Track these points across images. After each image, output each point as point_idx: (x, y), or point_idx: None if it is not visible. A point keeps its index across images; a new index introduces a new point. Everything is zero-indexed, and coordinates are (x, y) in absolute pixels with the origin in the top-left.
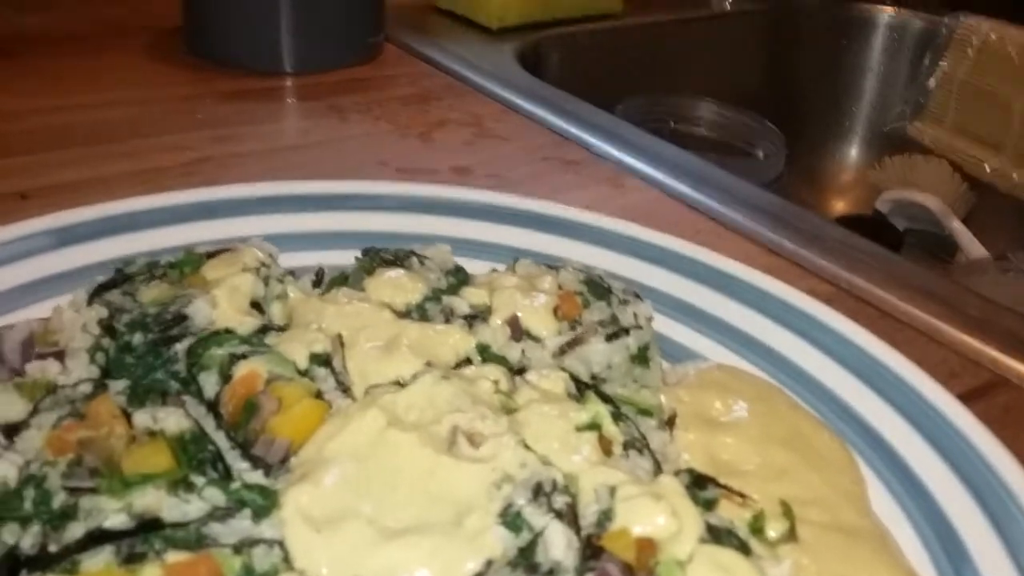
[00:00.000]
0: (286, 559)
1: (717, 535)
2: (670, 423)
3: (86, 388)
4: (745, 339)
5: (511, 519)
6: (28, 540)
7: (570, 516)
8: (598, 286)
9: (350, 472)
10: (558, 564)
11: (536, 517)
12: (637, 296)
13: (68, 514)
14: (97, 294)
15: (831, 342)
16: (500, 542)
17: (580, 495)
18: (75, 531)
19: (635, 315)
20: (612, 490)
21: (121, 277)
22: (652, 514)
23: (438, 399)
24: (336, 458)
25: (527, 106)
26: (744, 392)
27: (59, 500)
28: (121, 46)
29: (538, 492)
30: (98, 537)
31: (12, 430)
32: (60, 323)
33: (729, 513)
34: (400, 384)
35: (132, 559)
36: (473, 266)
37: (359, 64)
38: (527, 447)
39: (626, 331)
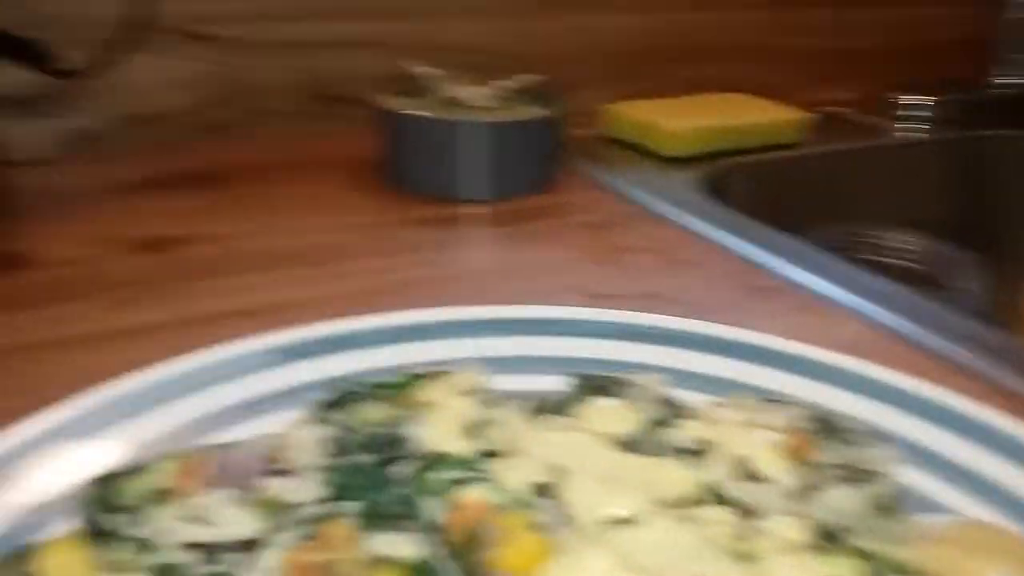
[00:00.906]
0: None
1: None
2: None
3: (317, 508)
4: (1002, 494)
5: None
6: None
7: None
8: (830, 425)
9: None
10: None
11: None
12: (874, 438)
13: None
14: (323, 412)
15: None
16: None
17: None
18: None
19: (875, 458)
20: None
21: (343, 399)
22: None
23: (673, 544)
24: None
25: (713, 232)
26: (1006, 552)
27: None
28: (324, 177)
29: None
30: None
31: (248, 546)
32: (290, 444)
33: None
34: (625, 521)
35: None
36: (683, 397)
37: (541, 193)
38: None
39: (867, 476)
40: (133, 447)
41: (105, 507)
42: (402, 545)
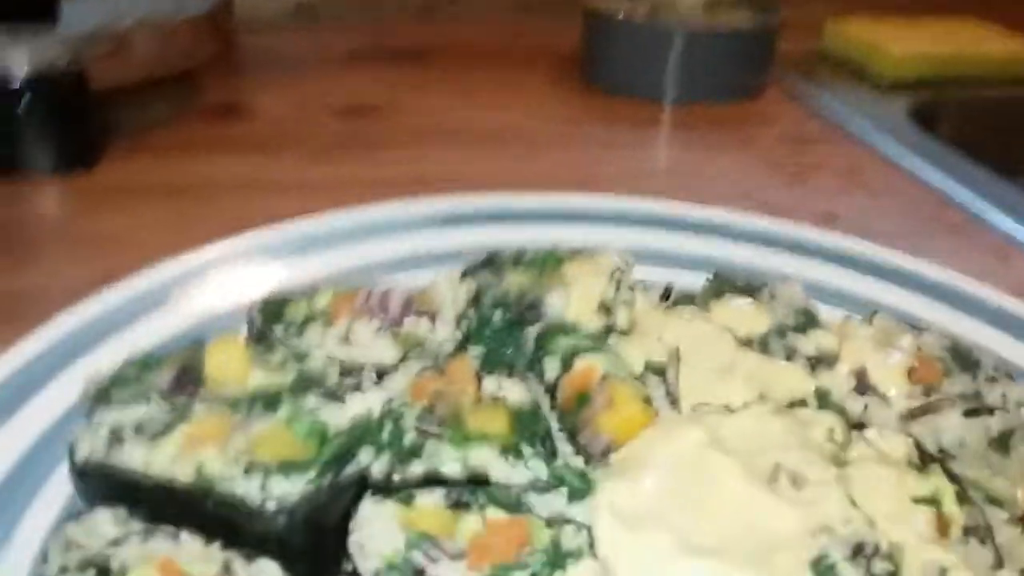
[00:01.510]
0: (591, 545)
1: None
2: None
3: (448, 348)
4: None
5: (824, 570)
6: (378, 467)
7: None
8: (965, 357)
9: (665, 481)
10: None
11: (851, 574)
12: (1010, 377)
13: (414, 452)
14: (470, 272)
15: None
16: None
17: (904, 569)
18: (416, 468)
19: (1004, 396)
20: (943, 572)
21: (491, 261)
22: None
23: (766, 432)
24: (655, 464)
25: (912, 161)
26: None
27: (409, 439)
28: (523, 66)
29: (858, 552)
30: (434, 479)
31: (382, 371)
32: (436, 291)
33: None
34: (729, 409)
35: (458, 506)
36: (824, 313)
37: (741, 101)
38: (853, 503)
39: (990, 411)
40: (302, 278)
41: (270, 320)
42: (514, 391)
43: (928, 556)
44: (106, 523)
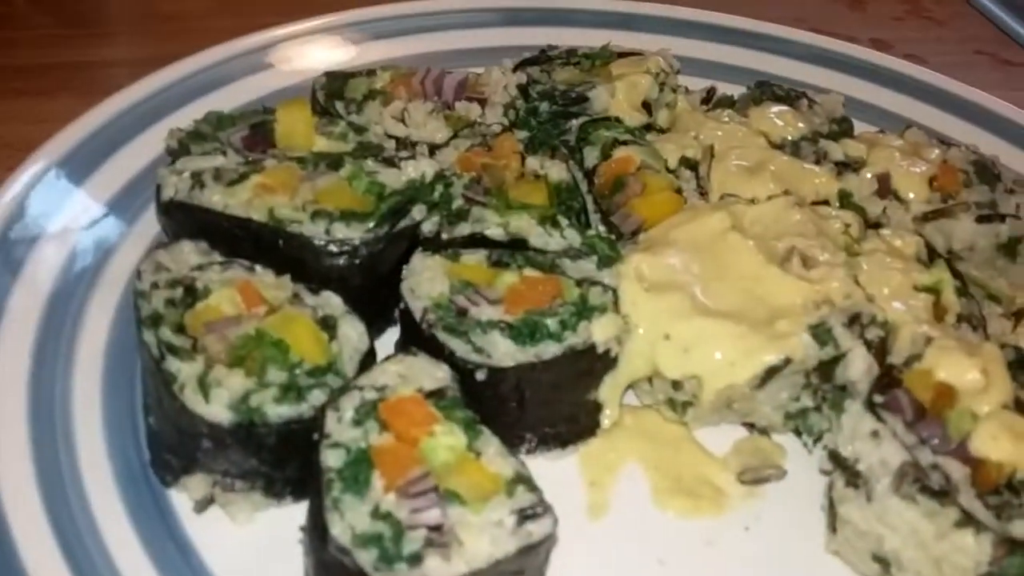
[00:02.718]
0: (615, 304)
1: (1021, 408)
2: (1018, 315)
3: (496, 129)
4: None
5: (821, 332)
6: (428, 226)
7: (879, 348)
8: (987, 170)
9: (687, 255)
10: (852, 384)
11: (845, 339)
12: None
13: (461, 216)
14: (522, 65)
15: None
16: (803, 347)
17: (896, 339)
18: (463, 230)
19: (1018, 206)
20: (928, 340)
21: (544, 57)
22: (961, 366)
23: (785, 221)
24: (679, 241)
25: None
26: None
27: (457, 204)
28: None
29: (854, 320)
30: (479, 240)
31: (434, 148)
32: (489, 79)
33: None
34: (754, 201)
35: (498, 264)
36: (862, 128)
37: None
38: (857, 283)
39: (1002, 218)
40: (364, 62)
41: (332, 96)
42: (555, 169)
43: (919, 329)
44: (191, 252)
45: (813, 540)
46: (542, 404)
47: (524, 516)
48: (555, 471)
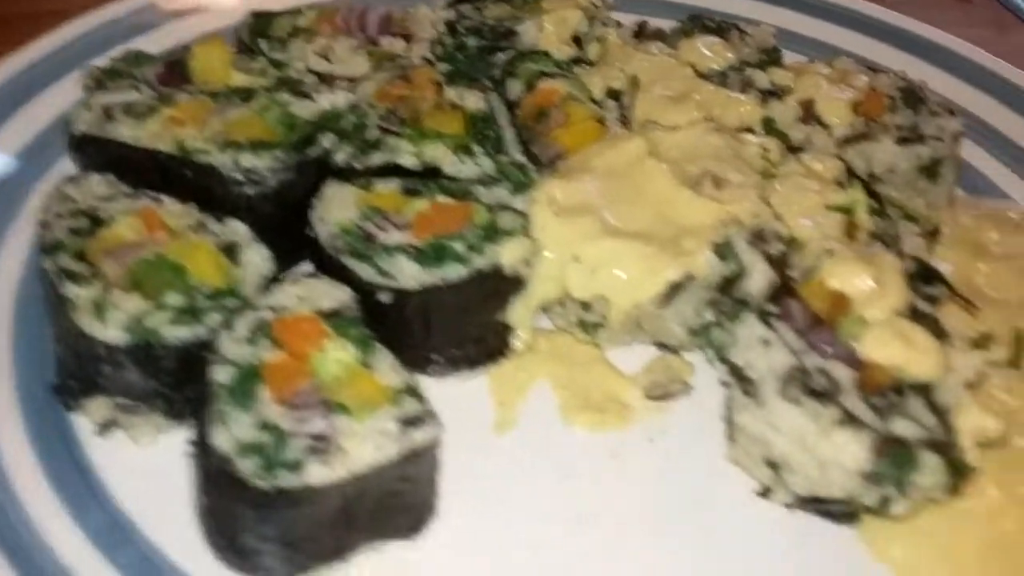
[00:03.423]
0: (526, 228)
1: (917, 316)
2: (932, 234)
3: (417, 62)
4: None
5: (724, 249)
6: (341, 156)
7: (780, 262)
8: (913, 95)
9: (601, 180)
10: (752, 297)
11: (747, 254)
12: (952, 113)
13: (375, 146)
14: (456, 3)
15: None
16: (706, 264)
17: (797, 253)
18: (376, 159)
19: (940, 128)
20: (829, 252)
21: None
22: (853, 274)
23: (702, 146)
24: (595, 167)
25: None
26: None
27: (372, 134)
28: None
29: (759, 236)
30: (392, 169)
31: (355, 81)
32: (416, 15)
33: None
34: (673, 128)
35: (411, 192)
36: (788, 55)
37: None
38: (768, 204)
39: (921, 139)
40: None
41: (256, 34)
42: (471, 99)
43: (824, 244)
44: (98, 185)
45: (715, 450)
46: (449, 326)
47: (408, 423)
48: (464, 391)
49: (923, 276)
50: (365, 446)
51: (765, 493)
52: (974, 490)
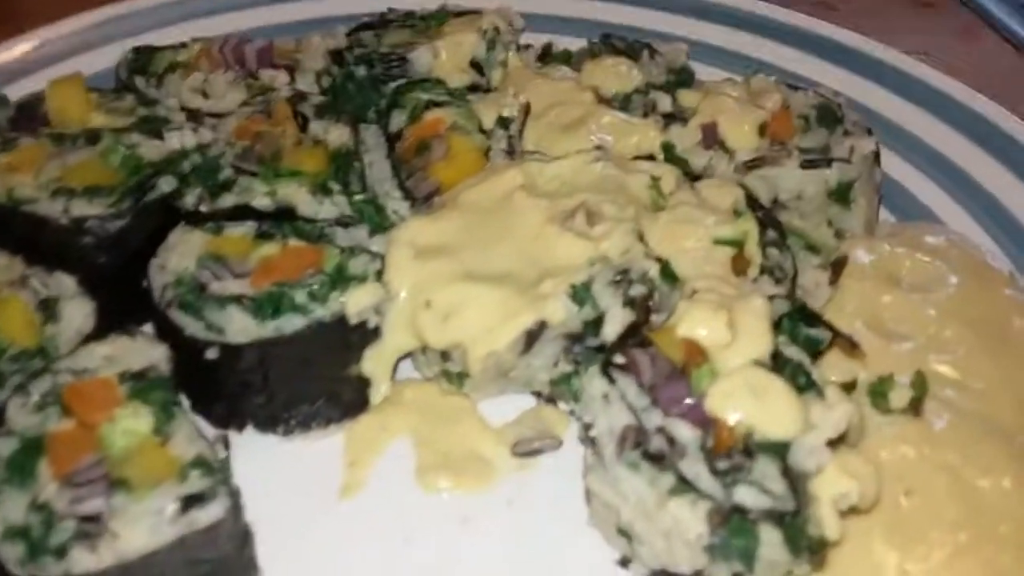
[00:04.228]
0: (379, 272)
1: (781, 366)
2: (837, 266)
3: (284, 95)
4: (995, 208)
5: (578, 292)
6: (190, 199)
7: (641, 306)
8: (829, 113)
9: (468, 218)
10: (605, 344)
11: (605, 298)
12: (869, 132)
13: (226, 187)
14: (356, 31)
15: None
16: (562, 310)
17: (671, 297)
18: (228, 200)
19: (851, 149)
20: (693, 292)
21: (381, 21)
22: (702, 320)
23: (583, 177)
24: (464, 204)
25: None
26: (959, 266)
27: (225, 174)
28: None
29: (622, 278)
30: (243, 211)
31: (220, 117)
32: (309, 44)
33: (853, 367)
34: (554, 157)
35: (263, 236)
36: (706, 72)
37: None
38: (641, 239)
39: (828, 162)
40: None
41: (136, 71)
42: (335, 133)
43: (694, 285)
44: None
45: (577, 514)
46: (292, 381)
47: (191, 501)
48: (315, 451)
49: (807, 319)
50: (139, 529)
51: (624, 563)
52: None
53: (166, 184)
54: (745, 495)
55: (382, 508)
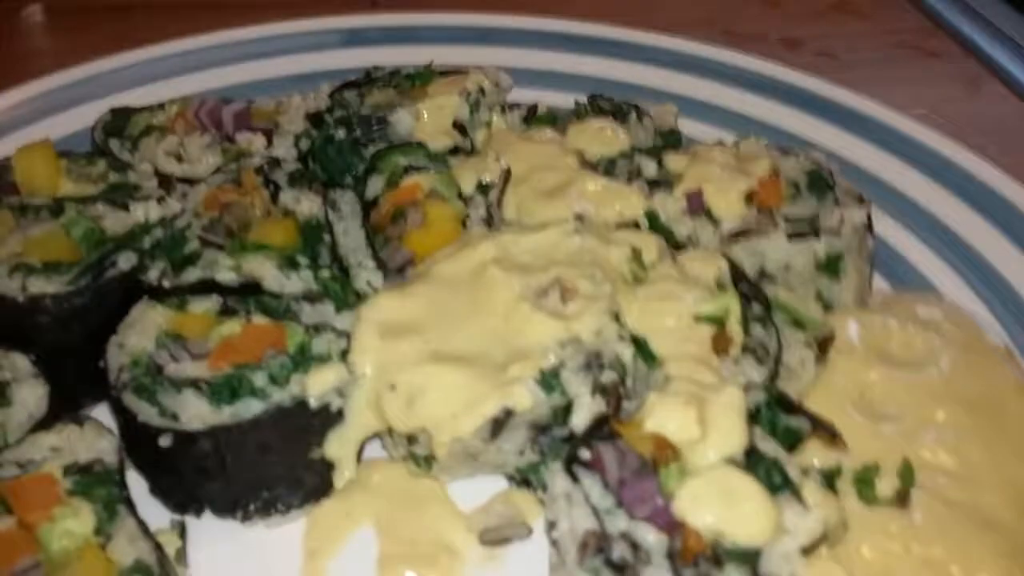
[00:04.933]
0: (344, 352)
1: (755, 463)
2: (824, 343)
3: (257, 162)
4: (992, 278)
5: (547, 378)
6: (154, 273)
7: (613, 393)
8: (820, 180)
9: (439, 294)
10: (577, 435)
11: (574, 384)
12: (861, 200)
13: (191, 260)
14: (339, 90)
15: None
16: (529, 397)
17: (645, 383)
18: (192, 275)
19: (841, 219)
20: (667, 380)
21: (365, 79)
22: (671, 415)
23: (560, 250)
24: (435, 278)
25: None
26: (953, 341)
27: (190, 246)
28: None
29: (592, 362)
30: (209, 286)
31: (192, 184)
32: (289, 105)
33: (835, 456)
34: (532, 228)
35: (226, 312)
36: (698, 131)
37: None
38: (617, 318)
39: (816, 233)
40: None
41: (111, 134)
42: (306, 204)
43: (676, 370)
44: None
45: None
46: (250, 467)
47: None
48: (275, 538)
49: (786, 408)
50: None
51: None
52: None
53: (125, 261)
54: None
55: None
